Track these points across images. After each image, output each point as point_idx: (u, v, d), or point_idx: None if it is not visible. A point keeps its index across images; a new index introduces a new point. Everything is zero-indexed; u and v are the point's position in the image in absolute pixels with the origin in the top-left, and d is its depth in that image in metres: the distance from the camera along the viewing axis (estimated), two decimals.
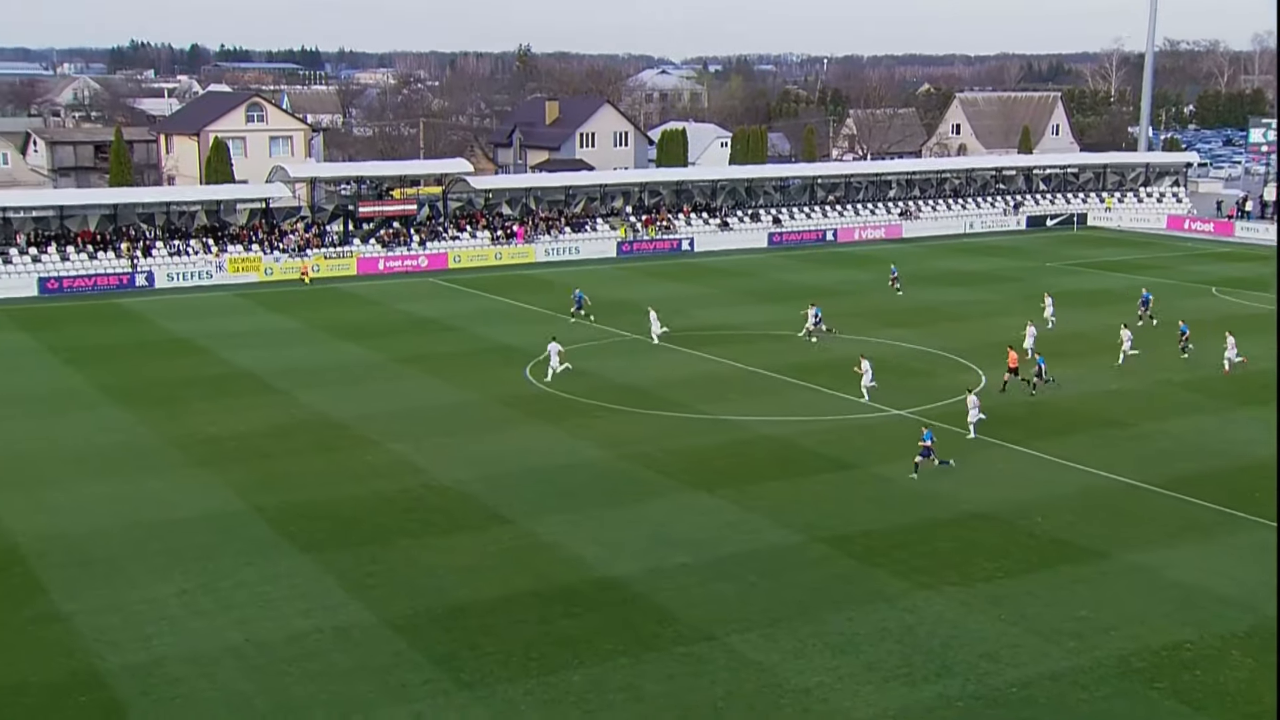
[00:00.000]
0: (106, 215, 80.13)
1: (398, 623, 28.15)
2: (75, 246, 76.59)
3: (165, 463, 40.07)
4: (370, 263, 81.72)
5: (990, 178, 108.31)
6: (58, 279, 73.39)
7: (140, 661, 26.22)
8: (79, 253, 76.18)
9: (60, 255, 75.58)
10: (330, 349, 57.65)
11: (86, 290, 73.25)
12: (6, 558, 31.80)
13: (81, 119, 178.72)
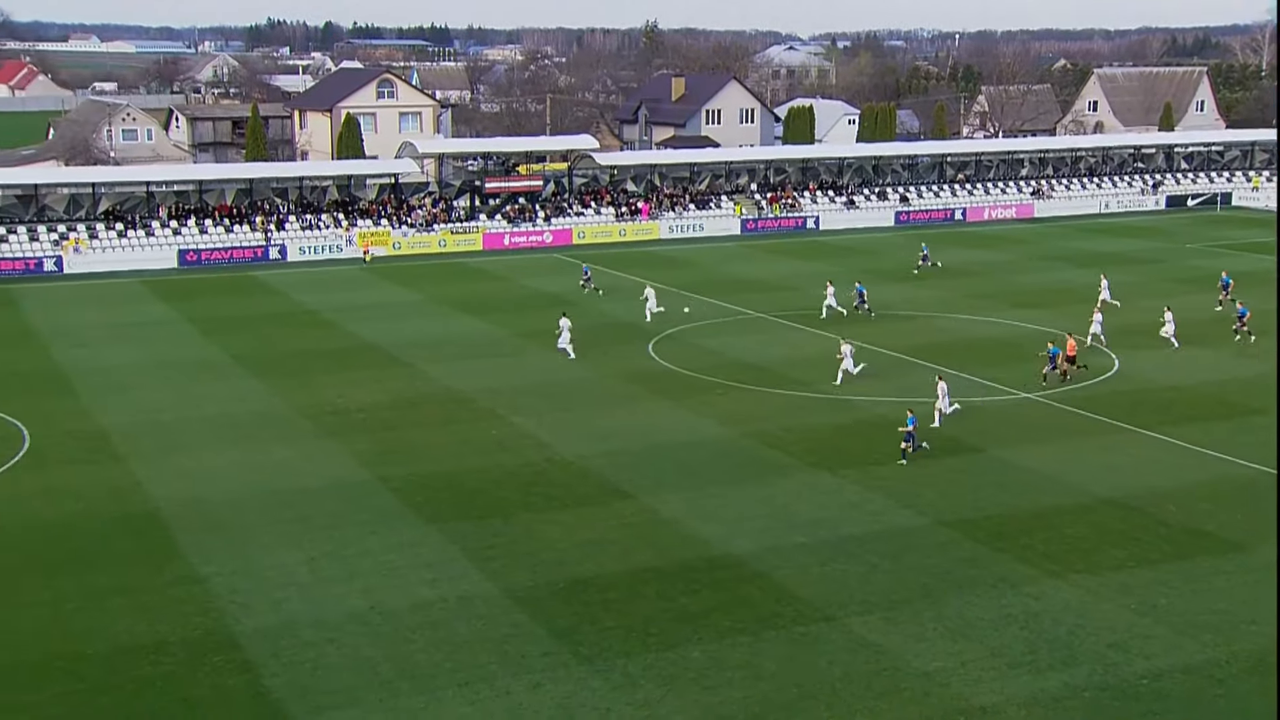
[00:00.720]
0: (243, 190, 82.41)
1: (518, 594, 28.53)
2: (213, 220, 78.92)
3: (295, 432, 41.12)
4: (496, 238, 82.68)
5: (1128, 156, 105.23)
6: (196, 251, 75.72)
7: (271, 625, 27.01)
8: (216, 226, 78.47)
9: (199, 228, 77.93)
10: (455, 323, 58.52)
11: (223, 263, 75.46)
12: (148, 522, 33.00)
13: (220, 96, 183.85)
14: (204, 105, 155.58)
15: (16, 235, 74.00)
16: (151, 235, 76.56)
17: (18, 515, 33.35)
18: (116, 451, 38.71)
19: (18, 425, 41.37)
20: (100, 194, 78.42)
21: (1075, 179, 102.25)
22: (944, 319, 58.54)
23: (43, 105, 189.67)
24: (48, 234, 74.55)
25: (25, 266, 71.66)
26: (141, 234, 76.37)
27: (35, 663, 25.19)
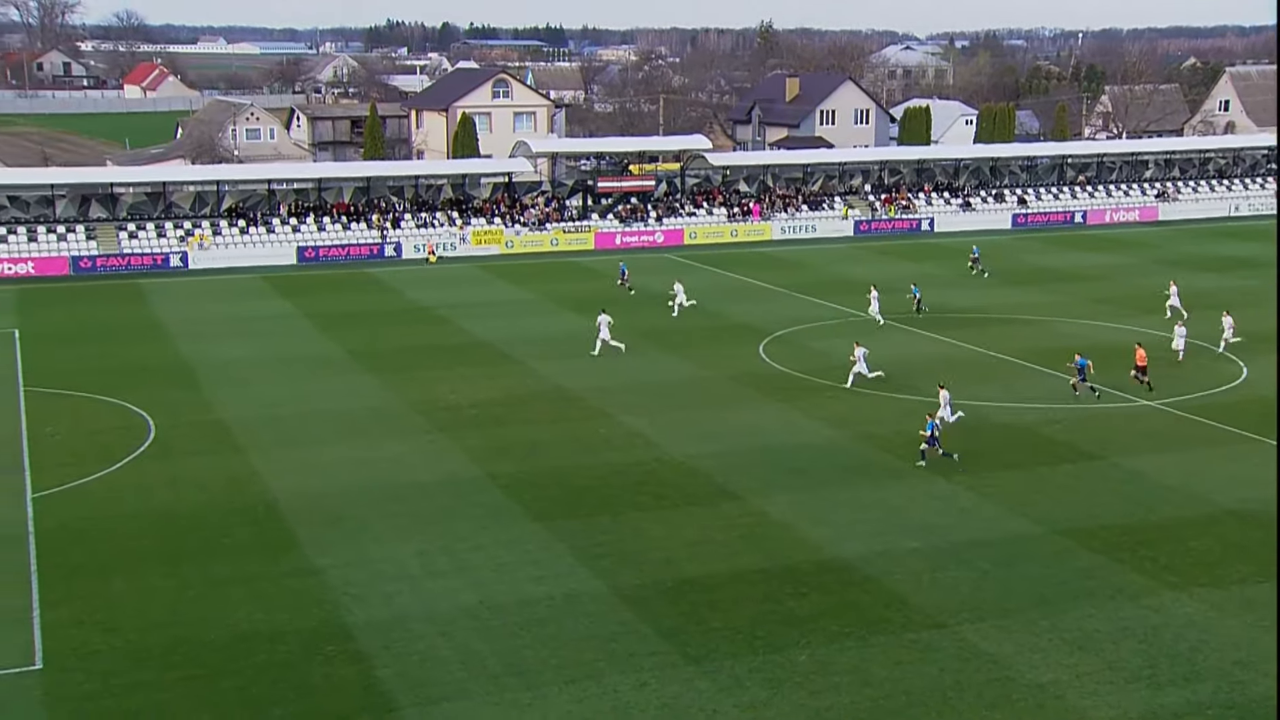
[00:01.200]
0: (360, 188, 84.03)
1: (626, 593, 28.64)
2: (331, 217, 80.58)
3: (408, 427, 41.78)
4: (607, 237, 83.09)
5: (1261, 157, 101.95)
6: (314, 248, 77.38)
7: (383, 617, 27.49)
8: (334, 223, 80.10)
9: (317, 226, 79.64)
10: (566, 321, 58.94)
11: (340, 259, 77.01)
12: (267, 513, 33.82)
13: (340, 95, 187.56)
14: (324, 105, 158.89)
15: (145, 231, 76.38)
16: (272, 232, 78.44)
17: (145, 503, 34.43)
18: (237, 443, 39.75)
19: (144, 416, 42.69)
20: (224, 192, 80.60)
21: (1204, 181, 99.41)
22: (1064, 324, 57.38)
23: (172, 105, 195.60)
24: (174, 230, 76.83)
25: (153, 261, 73.94)
26: (262, 231, 78.30)
27: (163, 646, 25.98)
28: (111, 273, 72.49)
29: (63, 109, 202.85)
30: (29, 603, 27.91)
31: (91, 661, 25.30)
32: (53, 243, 74.04)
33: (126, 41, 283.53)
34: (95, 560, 30.42)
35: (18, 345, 53.59)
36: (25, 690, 24.20)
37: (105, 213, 77.65)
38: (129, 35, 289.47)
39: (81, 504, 34.29)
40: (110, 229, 76.06)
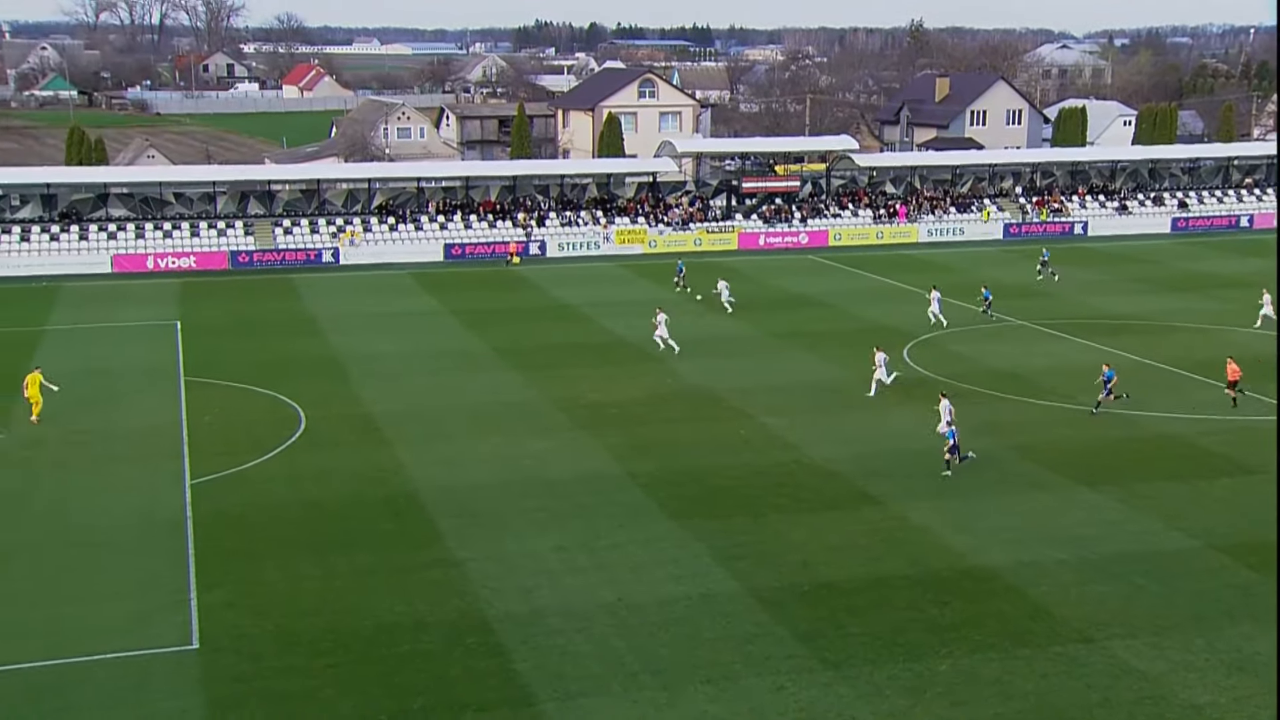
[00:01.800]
0: (506, 186, 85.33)
1: (763, 595, 28.53)
2: (478, 215, 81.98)
3: (549, 424, 42.28)
4: (751, 238, 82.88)
5: None
6: (461, 245, 78.82)
7: (522, 611, 27.87)
8: (480, 221, 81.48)
9: (464, 223, 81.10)
10: (707, 322, 58.94)
11: (485, 257, 78.27)
12: (410, 504, 34.58)
13: (488, 95, 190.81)
14: (473, 104, 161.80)
15: (299, 227, 78.78)
16: (420, 229, 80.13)
17: (294, 492, 35.50)
18: (383, 436, 40.71)
19: (295, 407, 44.02)
20: (375, 189, 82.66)
21: None
22: (1226, 332, 55.31)
23: (327, 105, 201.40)
24: (327, 226, 79.07)
25: (306, 257, 76.21)
26: (411, 228, 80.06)
27: (310, 632, 26.77)
28: (267, 267, 74.93)
29: (225, 109, 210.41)
30: (186, 585, 29.02)
31: (244, 644, 26.19)
32: (213, 238, 76.85)
33: (286, 43, 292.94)
34: (248, 546, 31.47)
35: (179, 336, 55.74)
36: (183, 669, 25.17)
37: (262, 209, 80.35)
38: (288, 37, 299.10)
39: (236, 491, 35.51)
40: (267, 225, 78.66)
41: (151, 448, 39.37)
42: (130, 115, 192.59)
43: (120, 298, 65.15)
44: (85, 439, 40.33)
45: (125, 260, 73.25)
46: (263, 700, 24.06)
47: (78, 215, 77.12)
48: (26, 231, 74.72)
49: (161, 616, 27.44)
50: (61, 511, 33.94)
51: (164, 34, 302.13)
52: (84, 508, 34.16)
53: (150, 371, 49.34)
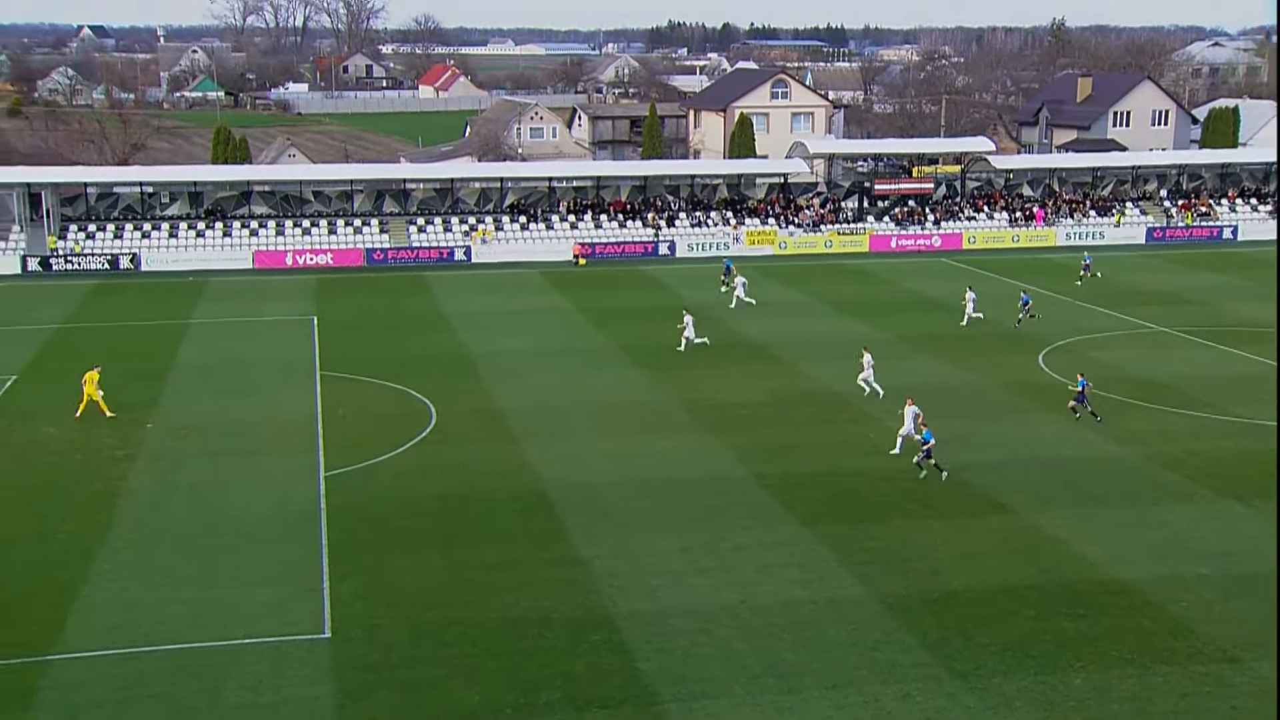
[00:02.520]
0: (637, 186, 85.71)
1: (890, 601, 28.19)
2: (608, 215, 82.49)
3: (675, 424, 42.34)
4: (883, 240, 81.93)
5: None
6: (591, 244, 79.35)
7: (646, 610, 27.96)
8: (611, 221, 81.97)
9: (595, 223, 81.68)
10: (836, 323, 58.46)
11: (615, 256, 78.68)
12: (537, 501, 34.95)
13: (620, 95, 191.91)
14: (605, 104, 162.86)
15: (433, 225, 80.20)
16: (551, 229, 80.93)
17: (424, 487, 36.14)
18: (511, 433, 41.19)
19: (426, 403, 44.81)
20: (507, 188, 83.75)
21: None
22: None
23: (461, 105, 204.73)
24: (459, 225, 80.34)
25: (439, 255, 77.53)
26: (542, 227, 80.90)
27: (438, 624, 27.22)
28: (401, 265, 76.43)
29: (363, 109, 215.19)
30: (320, 575, 29.75)
31: (374, 634, 26.75)
32: (349, 235, 78.67)
33: (423, 44, 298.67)
34: (378, 538, 32.13)
35: (315, 331, 57.17)
36: (316, 657, 25.81)
37: (397, 207, 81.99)
38: (425, 38, 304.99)
39: (368, 484, 36.28)
40: (401, 223, 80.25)
41: (288, 440, 40.45)
42: (273, 115, 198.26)
43: (260, 293, 67.09)
44: (227, 430, 41.60)
45: (266, 256, 75.40)
46: (391, 690, 24.54)
47: (222, 212, 79.64)
48: (175, 228, 77.40)
49: (296, 604, 28.17)
50: (205, 499, 35.07)
51: (306, 36, 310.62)
52: (225, 497, 35.25)
53: (288, 365, 50.69)
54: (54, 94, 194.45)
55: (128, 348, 53.67)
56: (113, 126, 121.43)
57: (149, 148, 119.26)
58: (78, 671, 25.10)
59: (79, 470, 37.44)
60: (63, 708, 23.84)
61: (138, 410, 43.66)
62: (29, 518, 33.52)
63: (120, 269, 73.53)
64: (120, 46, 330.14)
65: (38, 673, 25.00)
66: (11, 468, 37.72)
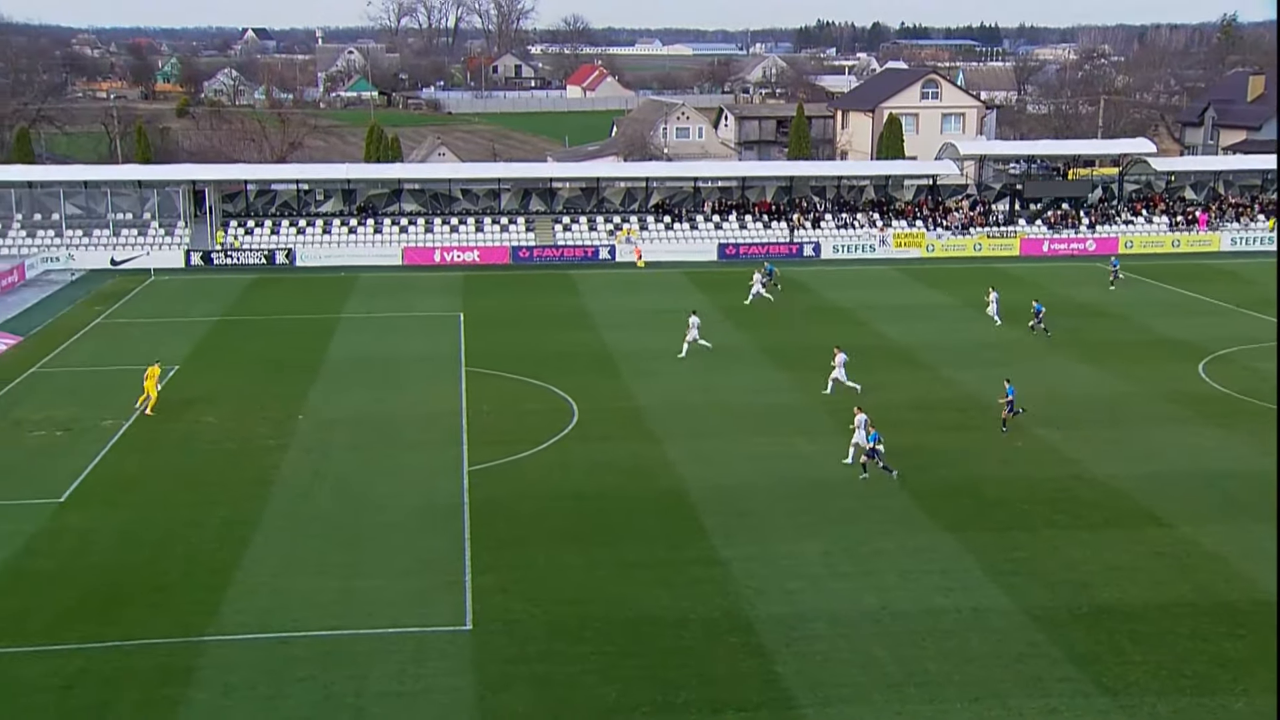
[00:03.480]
0: (783, 187, 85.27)
1: (1037, 613, 27.55)
2: (752, 216, 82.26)
3: (816, 426, 42.01)
4: (1034, 244, 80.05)
5: None
6: (735, 245, 79.23)
7: (784, 613, 27.83)
8: (755, 222, 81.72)
9: (739, 223, 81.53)
10: (985, 328, 57.33)
11: (759, 257, 78.21)
12: (677, 501, 35.04)
13: (767, 95, 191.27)
14: (751, 105, 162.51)
15: (579, 224, 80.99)
16: (695, 229, 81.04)
17: (565, 483, 36.54)
18: (651, 431, 41.36)
19: (569, 400, 45.29)
20: (652, 188, 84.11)
21: None
22: None
23: (608, 105, 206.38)
24: (604, 224, 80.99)
25: (584, 254, 78.24)
26: (686, 227, 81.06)
27: (575, 620, 27.53)
28: (546, 263, 77.33)
29: (512, 108, 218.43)
30: (462, 567, 30.31)
31: (513, 628, 27.15)
32: (496, 233, 79.94)
33: (571, 45, 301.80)
34: (519, 534, 32.59)
35: (461, 327, 58.22)
36: (457, 649, 26.30)
37: (543, 206, 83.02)
38: (574, 39, 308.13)
39: (509, 480, 36.82)
40: (547, 221, 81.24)
41: (433, 434, 41.27)
42: (424, 114, 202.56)
43: (409, 289, 68.58)
44: (374, 423, 42.65)
45: (414, 253, 77.04)
46: (530, 683, 24.88)
47: (373, 210, 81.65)
48: (328, 224, 79.63)
49: (438, 596, 28.75)
50: (352, 490, 36.02)
51: (458, 36, 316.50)
52: (372, 488, 36.15)
53: (434, 360, 51.73)
54: (219, 94, 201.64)
55: (282, 341, 55.41)
56: (272, 126, 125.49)
57: (305, 146, 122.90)
58: (232, 653, 26.03)
59: (234, 459, 38.80)
60: (218, 686, 24.77)
61: (290, 402, 45.05)
62: (187, 503, 34.86)
63: (276, 264, 75.93)
64: (281, 48, 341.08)
65: (196, 652, 26.01)
66: (173, 454, 39.28)
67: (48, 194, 78.30)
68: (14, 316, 60.63)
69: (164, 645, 26.33)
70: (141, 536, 32.37)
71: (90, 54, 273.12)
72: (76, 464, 38.09)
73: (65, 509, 34.42)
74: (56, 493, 35.54)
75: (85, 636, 26.63)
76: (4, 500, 35.02)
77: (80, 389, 44.02)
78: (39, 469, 37.80)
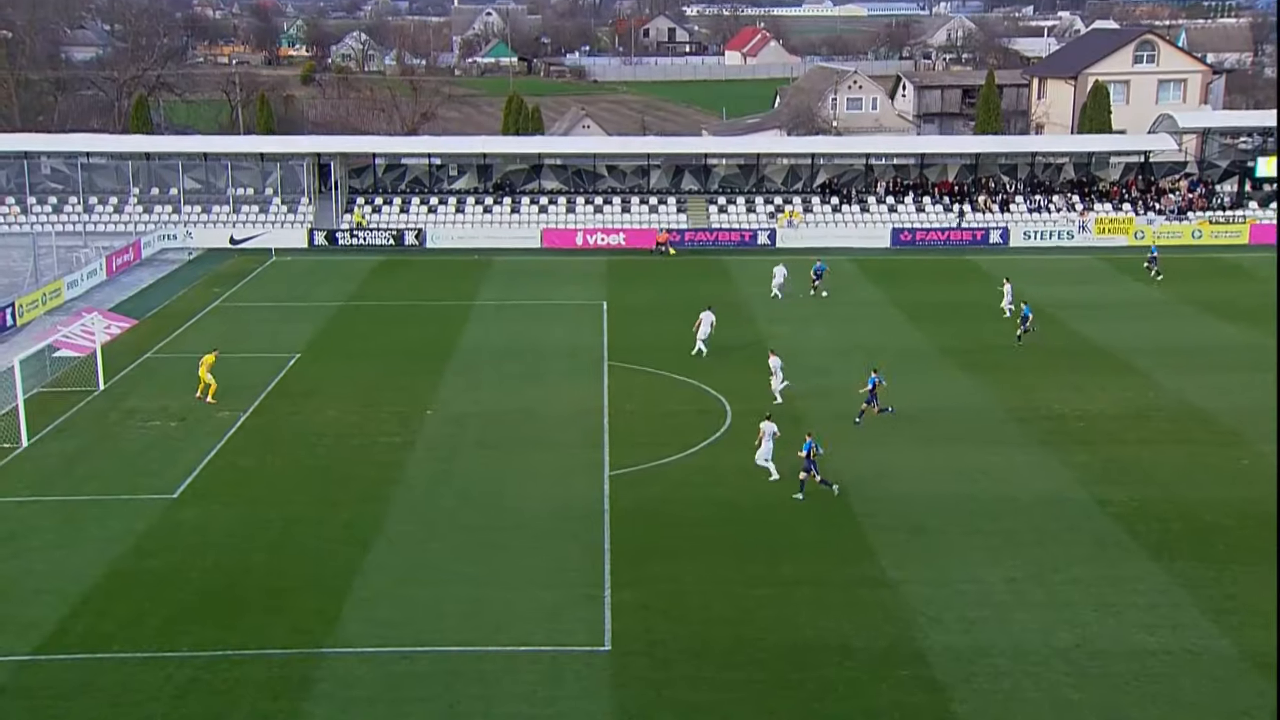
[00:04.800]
0: (967, 165, 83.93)
1: (1263, 660, 26.63)
2: (932, 197, 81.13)
3: (1002, 436, 41.31)
4: (1266, 230, 77.24)
5: None
6: (911, 231, 78.25)
7: (963, 645, 27.41)
8: (935, 204, 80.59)
9: (916, 206, 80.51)
10: (1204, 328, 55.69)
11: (937, 244, 77.27)
12: (842, 513, 34.79)
13: (952, 62, 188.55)
14: (933, 72, 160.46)
15: (735, 206, 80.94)
16: (866, 211, 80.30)
17: (717, 491, 36.56)
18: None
19: (721, 400, 45.28)
20: (819, 166, 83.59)
21: None
22: None
23: (771, 73, 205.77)
24: (764, 206, 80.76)
25: (740, 238, 78.13)
26: (856, 210, 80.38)
27: (725, 643, 27.54)
28: (699, 247, 77.41)
29: (664, 76, 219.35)
30: (601, 581, 30.56)
31: (656, 649, 27.28)
32: (644, 214, 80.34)
33: (731, 5, 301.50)
34: (664, 545, 32.72)
35: (605, 318, 58.66)
36: (594, 671, 26.54)
37: (697, 185, 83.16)
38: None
39: (655, 486, 37.01)
40: (701, 202, 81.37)
41: (572, 434, 41.69)
42: (567, 83, 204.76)
43: (548, 274, 69.35)
44: (508, 420, 43.25)
45: (554, 235, 77.89)
46: (672, 711, 24.97)
47: (511, 187, 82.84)
48: (461, 202, 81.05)
49: (574, 612, 29.03)
50: (482, 493, 36.61)
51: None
52: (503, 491, 36.69)
53: (574, 353, 52.22)
54: (346, 60, 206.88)
55: (410, 329, 56.56)
56: (403, 94, 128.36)
57: (439, 117, 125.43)
58: (352, 666, 26.70)
59: (356, 455, 39.77)
60: (337, 701, 25.44)
61: (418, 396, 45.98)
62: (307, 502, 35.86)
63: (405, 245, 77.55)
64: (414, 10, 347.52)
65: (313, 664, 26.76)
66: (292, 450, 40.44)
67: (165, 167, 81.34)
68: (129, 298, 63.11)
69: (279, 655, 27.13)
70: (258, 537, 33.41)
71: (212, 16, 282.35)
72: (190, 458, 39.51)
73: (178, 506, 35.72)
74: (169, 488, 36.90)
75: (199, 643, 27.59)
76: (115, 495, 36.49)
77: (196, 377, 45.55)
78: (151, 462, 39.28)
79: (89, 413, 44.27)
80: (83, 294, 63.30)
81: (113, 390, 46.80)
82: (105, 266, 67.40)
